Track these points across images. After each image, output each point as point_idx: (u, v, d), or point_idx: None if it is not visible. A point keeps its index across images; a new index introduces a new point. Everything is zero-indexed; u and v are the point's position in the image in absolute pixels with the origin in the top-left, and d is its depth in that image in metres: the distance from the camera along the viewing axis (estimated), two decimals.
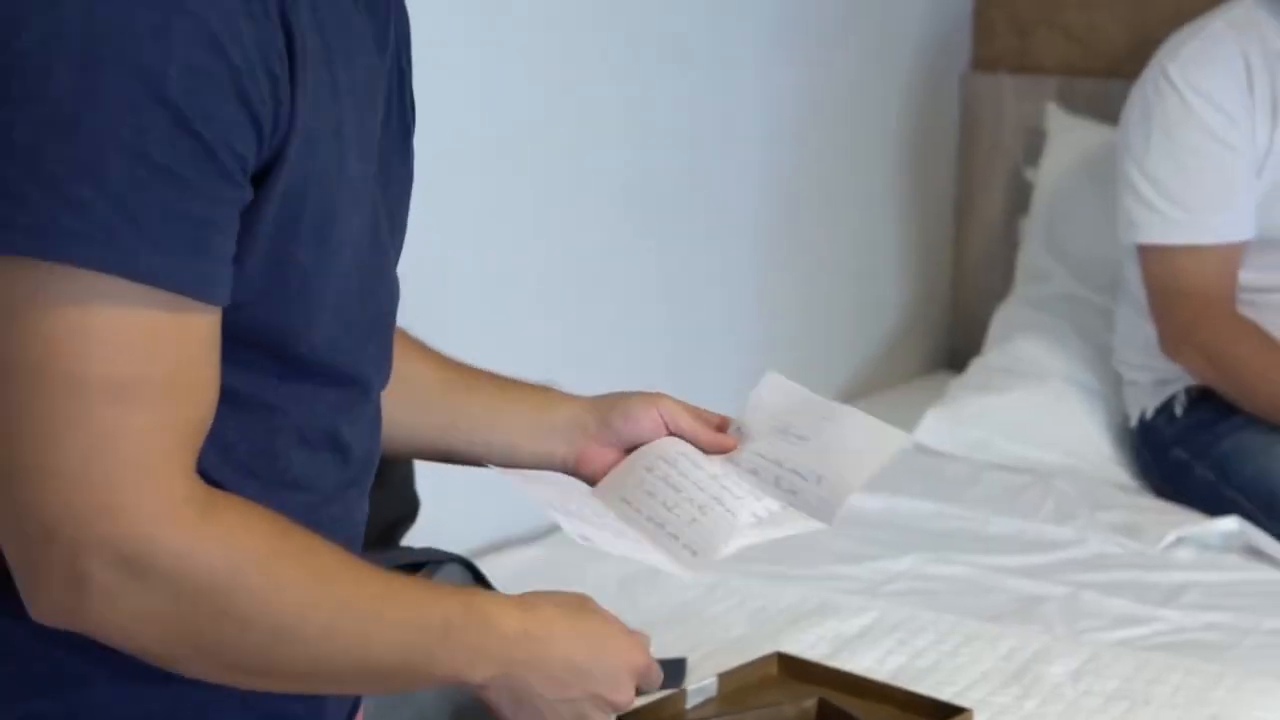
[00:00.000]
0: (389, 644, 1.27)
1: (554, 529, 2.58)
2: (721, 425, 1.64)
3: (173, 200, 1.12)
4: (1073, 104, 3.37)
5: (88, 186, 1.10)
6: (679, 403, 1.63)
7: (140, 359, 1.13)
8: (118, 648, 1.20)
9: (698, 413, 1.63)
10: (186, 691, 1.26)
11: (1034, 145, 3.40)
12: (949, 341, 3.61)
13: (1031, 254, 3.26)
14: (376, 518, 2.12)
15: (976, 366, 3.18)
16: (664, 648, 2.10)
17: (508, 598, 1.37)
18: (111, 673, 1.24)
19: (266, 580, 1.20)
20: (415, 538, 2.14)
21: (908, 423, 3.02)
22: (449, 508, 2.28)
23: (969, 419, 3.01)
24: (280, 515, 1.23)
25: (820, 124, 3.21)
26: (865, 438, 1.65)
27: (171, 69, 1.11)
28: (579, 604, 1.41)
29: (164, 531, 1.15)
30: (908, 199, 3.49)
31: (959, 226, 3.59)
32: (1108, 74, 3.38)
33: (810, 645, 2.14)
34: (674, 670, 2.02)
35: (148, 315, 1.13)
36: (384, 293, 1.41)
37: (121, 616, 1.17)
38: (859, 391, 3.37)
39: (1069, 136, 3.29)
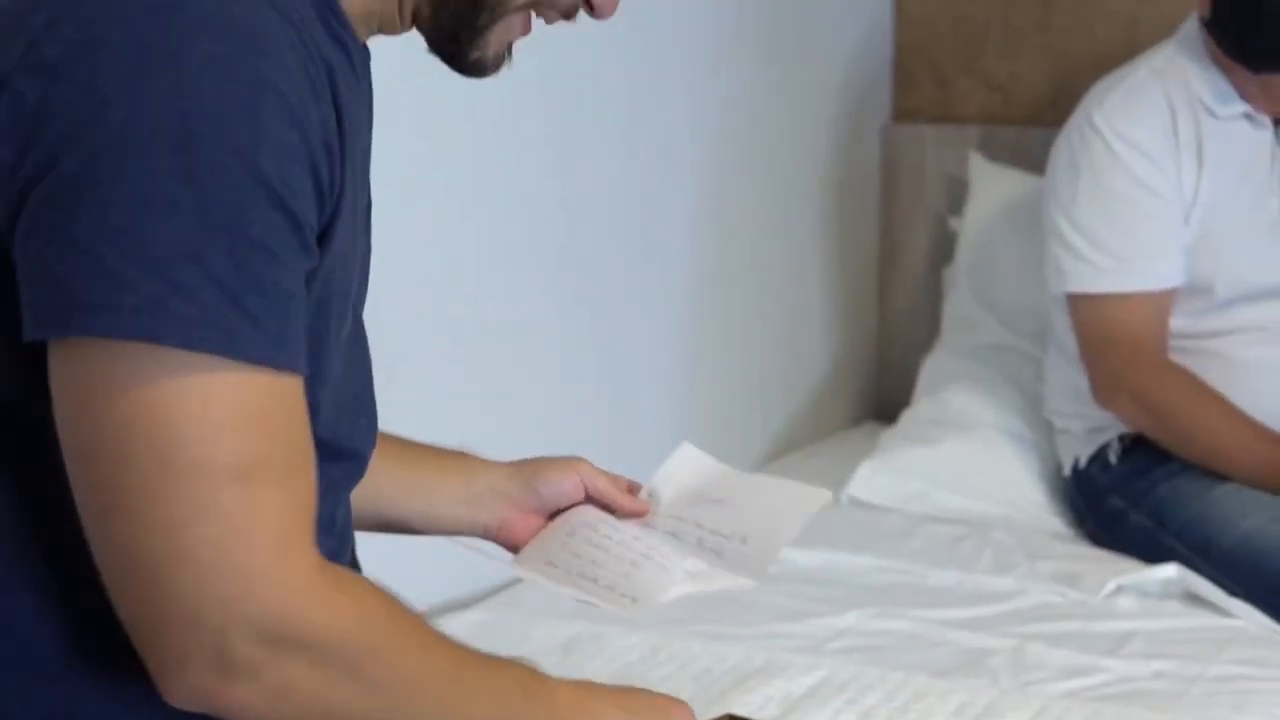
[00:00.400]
0: (485, 708, 1.28)
1: (494, 591, 2.56)
2: (633, 490, 1.66)
3: (269, 276, 1.13)
4: (994, 153, 3.39)
5: (191, 268, 1.10)
6: (595, 467, 1.66)
7: (261, 439, 1.14)
8: None
9: (613, 478, 1.66)
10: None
11: (957, 194, 3.42)
12: (876, 392, 3.61)
13: (958, 303, 3.26)
14: None
15: (907, 417, 3.17)
16: None
17: (587, 686, 1.40)
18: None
19: (395, 643, 1.22)
20: None
21: (838, 475, 3.02)
22: (387, 574, 2.24)
23: (902, 471, 3.00)
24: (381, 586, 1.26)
25: (745, 176, 3.21)
26: (785, 497, 1.68)
27: (264, 146, 1.12)
28: (633, 694, 1.43)
29: (307, 603, 1.16)
30: (832, 250, 3.49)
31: (883, 277, 3.60)
32: (1028, 122, 3.41)
33: (759, 706, 2.12)
34: None
35: (259, 394, 1.14)
36: (367, 365, 1.42)
37: (264, 694, 1.17)
38: (787, 444, 3.36)
39: (991, 185, 3.31)
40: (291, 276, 1.15)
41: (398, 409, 1.68)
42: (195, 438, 1.11)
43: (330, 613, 1.17)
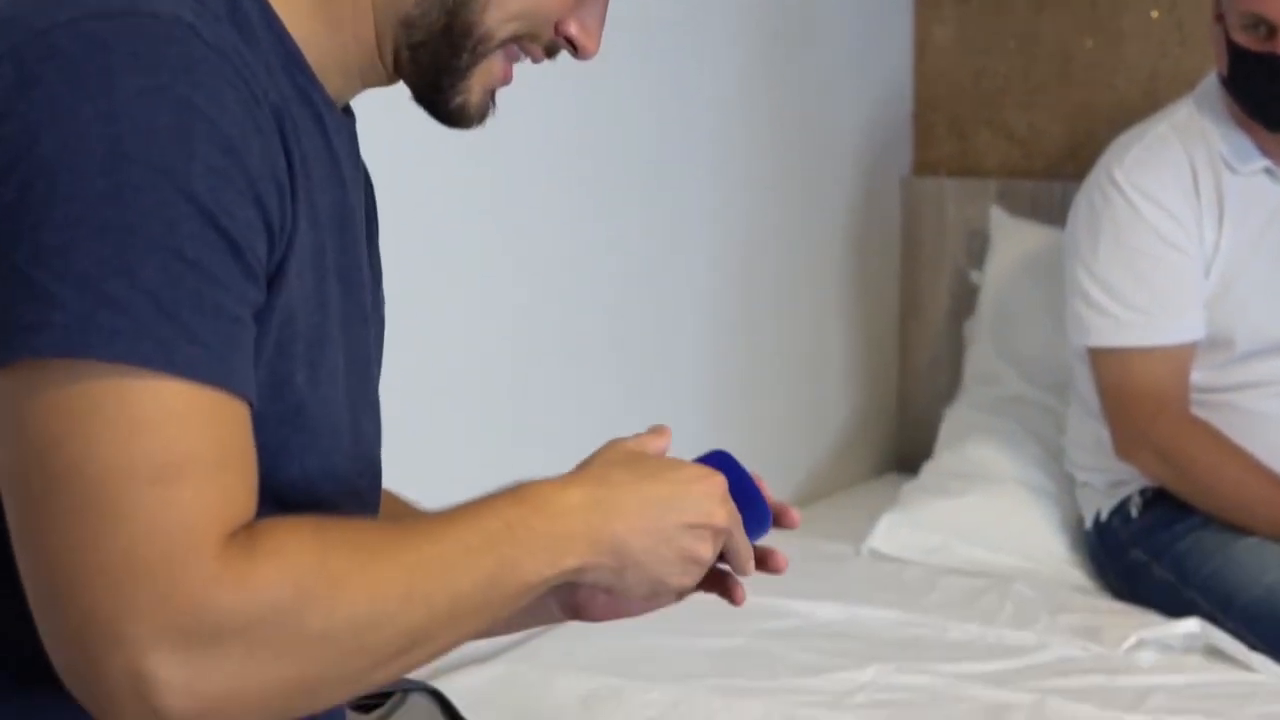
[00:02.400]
0: (470, 575, 1.21)
1: (510, 646, 2.56)
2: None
3: (207, 294, 1.11)
4: (1014, 205, 3.39)
5: (122, 284, 1.08)
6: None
7: (183, 440, 1.10)
8: None
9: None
10: None
11: (977, 247, 3.42)
12: (897, 445, 3.61)
13: (979, 356, 3.27)
14: None
15: (929, 470, 3.18)
16: None
17: (555, 477, 1.30)
18: None
19: (328, 585, 1.14)
20: None
21: (859, 527, 3.02)
22: None
23: (924, 523, 3.00)
24: (311, 516, 1.19)
25: (760, 230, 3.21)
26: None
27: (195, 167, 1.11)
28: (625, 450, 1.36)
29: (218, 588, 1.10)
30: (853, 303, 3.50)
31: (904, 330, 3.60)
32: (1048, 175, 3.41)
33: None
34: None
35: (188, 403, 1.11)
36: (374, 430, 1.40)
37: (210, 700, 1.11)
38: (809, 496, 3.36)
39: (1012, 238, 3.31)
40: (235, 301, 1.13)
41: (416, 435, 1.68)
42: (111, 440, 1.09)
43: (246, 588, 1.11)
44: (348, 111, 1.41)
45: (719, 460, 1.41)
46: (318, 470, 1.27)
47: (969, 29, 3.52)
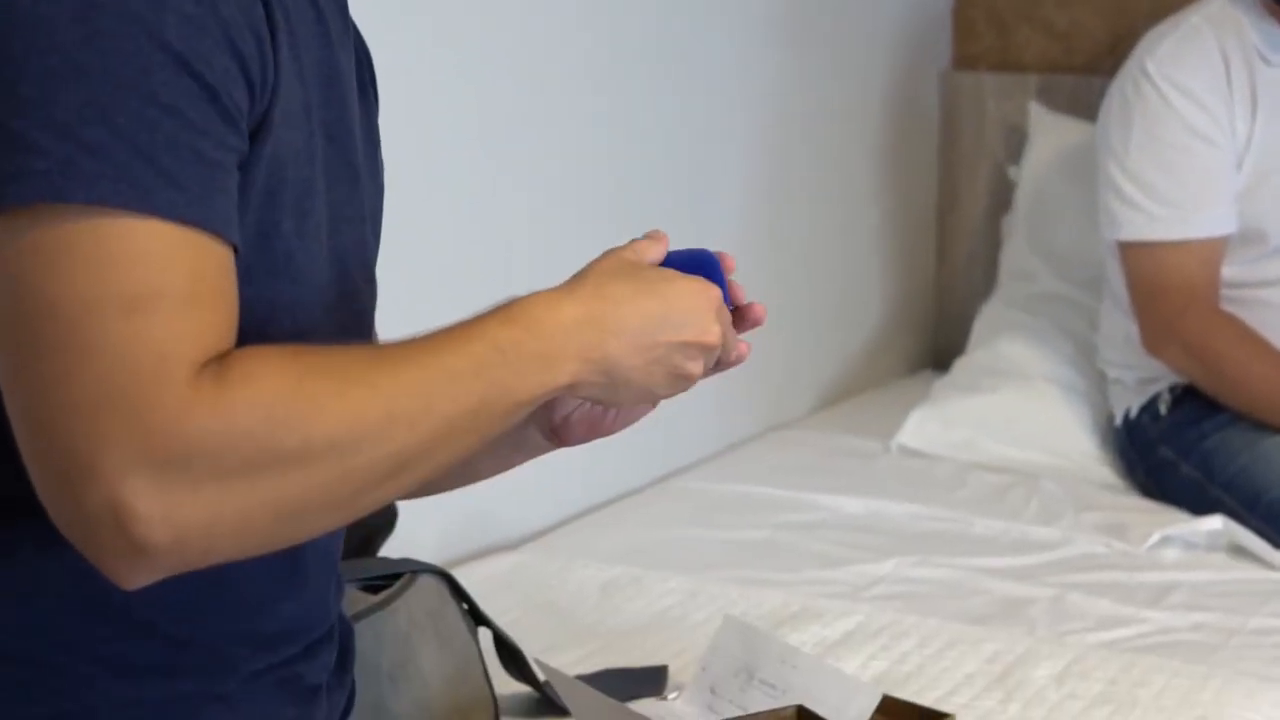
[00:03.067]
0: (454, 398, 1.20)
1: (529, 536, 2.57)
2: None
3: (184, 139, 1.12)
4: (1054, 101, 3.36)
5: (100, 129, 1.10)
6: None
7: (156, 273, 1.11)
8: (221, 560, 1.15)
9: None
10: (183, 690, 1.25)
11: (1016, 143, 3.39)
12: (933, 341, 3.59)
13: (1014, 253, 3.24)
14: (355, 528, 2.10)
15: (960, 366, 3.16)
16: (646, 655, 2.08)
17: (549, 291, 1.29)
18: (114, 671, 1.23)
19: (303, 407, 1.14)
20: (393, 548, 2.12)
21: (891, 423, 3.01)
22: (425, 517, 2.26)
23: (954, 419, 2.99)
24: (288, 345, 1.19)
25: (799, 123, 3.19)
26: (838, 690, 1.69)
27: (167, 16, 1.12)
28: (621, 260, 1.33)
29: (189, 414, 1.10)
30: (889, 198, 3.47)
31: (941, 225, 3.57)
32: (1089, 71, 3.37)
33: None
34: (655, 678, 2.01)
35: (164, 238, 1.12)
36: (367, 288, 1.40)
37: (189, 527, 1.11)
38: (842, 392, 3.35)
39: (1050, 134, 3.28)
40: (214, 146, 1.14)
41: None
42: (84, 276, 1.10)
43: (217, 412, 1.11)
44: None
45: (700, 257, 1.39)
46: (308, 326, 1.27)
47: None
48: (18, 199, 1.10)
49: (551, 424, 1.46)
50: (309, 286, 1.28)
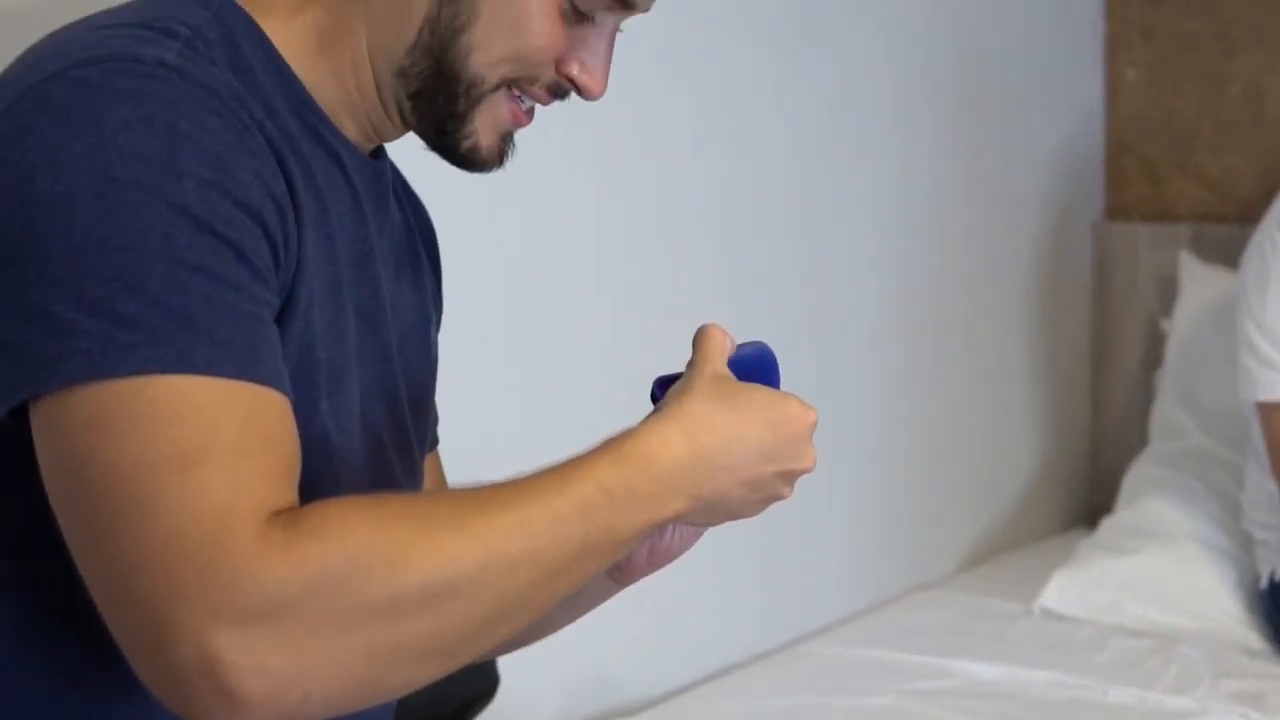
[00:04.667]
0: (556, 541, 1.18)
1: (652, 700, 2.55)
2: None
3: (218, 295, 1.14)
4: (1206, 251, 3.30)
5: (132, 300, 1.12)
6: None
7: (207, 427, 1.12)
8: (322, 710, 1.14)
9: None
10: None
11: (1168, 294, 3.33)
12: (1087, 498, 3.52)
13: (1164, 407, 3.18)
14: (451, 694, 2.09)
15: (1107, 526, 3.10)
16: None
17: (656, 422, 1.26)
18: None
19: (389, 553, 1.13)
20: (506, 708, 2.12)
21: (1038, 584, 2.96)
22: (541, 678, 2.25)
23: (1096, 581, 2.93)
24: (366, 495, 1.19)
25: (953, 274, 3.16)
26: None
27: (185, 183, 1.14)
28: (719, 383, 1.30)
29: (261, 569, 1.10)
30: (1042, 351, 3.43)
31: (1095, 378, 3.51)
32: (1241, 220, 3.30)
33: None
34: None
35: (210, 392, 1.13)
36: (403, 468, 1.40)
37: (282, 677, 1.11)
38: (989, 550, 3.29)
39: (1201, 285, 3.22)
40: (248, 300, 1.16)
41: None
42: (137, 438, 1.11)
43: (289, 561, 1.10)
44: (379, 154, 1.42)
45: (762, 360, 1.38)
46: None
47: (1160, 70, 3.43)
48: (65, 380, 1.12)
49: (617, 564, 1.41)
50: (347, 465, 1.29)
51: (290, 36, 1.32)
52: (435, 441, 1.60)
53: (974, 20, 3.17)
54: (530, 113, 1.35)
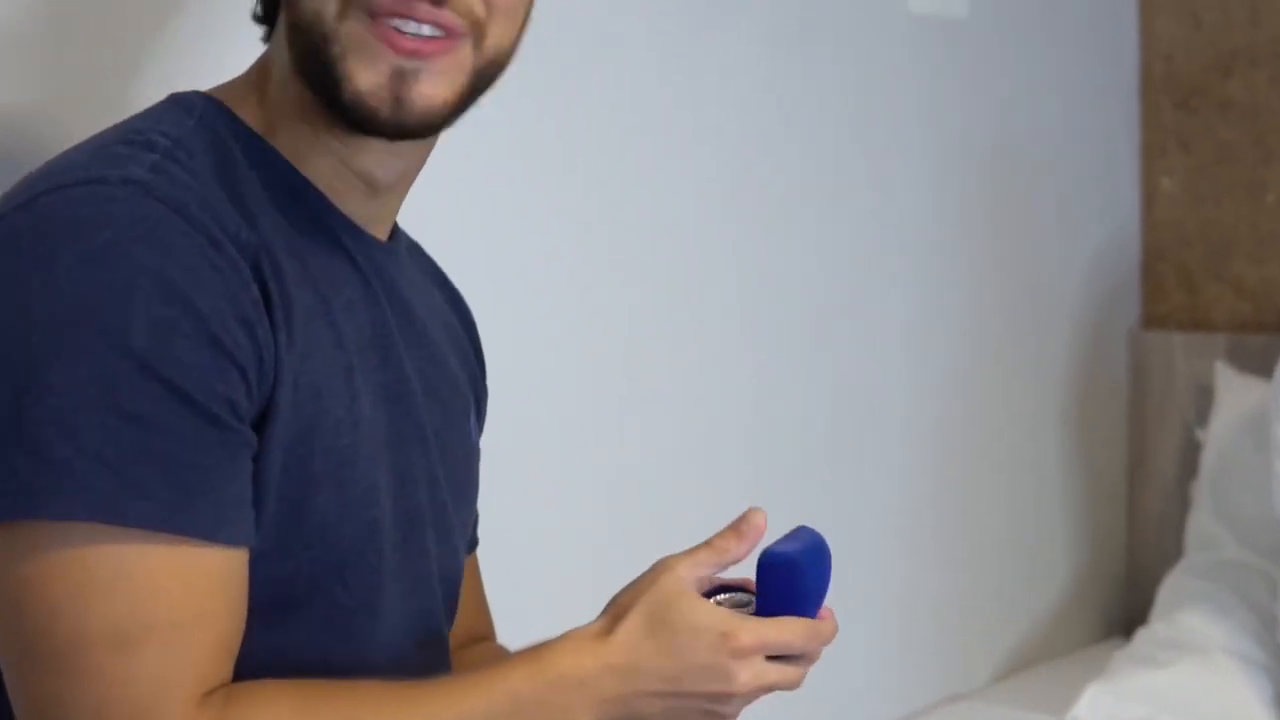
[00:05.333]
0: None
1: None
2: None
3: (152, 446, 1.14)
4: (1243, 361, 3.27)
5: (64, 445, 1.12)
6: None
7: (143, 604, 1.14)
8: None
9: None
10: None
11: (1205, 404, 3.30)
12: (1123, 608, 3.48)
13: (1199, 518, 3.14)
14: None
15: (1141, 638, 3.05)
16: None
17: (579, 634, 1.30)
18: None
19: None
20: None
21: (1071, 695, 2.91)
22: None
23: (1129, 695, 2.87)
24: (298, 681, 1.22)
25: (985, 380, 3.14)
26: None
27: (134, 323, 1.14)
28: (657, 603, 1.31)
29: None
30: (1077, 458, 3.39)
31: (1132, 488, 3.48)
32: (1279, 330, 3.28)
33: None
34: None
35: (145, 560, 1.14)
36: (443, 548, 1.41)
37: None
38: (1022, 661, 3.25)
39: (1238, 395, 3.19)
40: (189, 449, 1.15)
41: None
42: (72, 610, 1.13)
43: None
44: (395, 237, 1.42)
45: (793, 563, 1.40)
46: (366, 591, 1.29)
47: (1196, 179, 3.41)
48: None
49: None
50: (354, 553, 1.29)
51: (266, 119, 1.32)
52: (475, 543, 1.59)
53: (1010, 130, 3.16)
54: (420, 39, 1.27)
